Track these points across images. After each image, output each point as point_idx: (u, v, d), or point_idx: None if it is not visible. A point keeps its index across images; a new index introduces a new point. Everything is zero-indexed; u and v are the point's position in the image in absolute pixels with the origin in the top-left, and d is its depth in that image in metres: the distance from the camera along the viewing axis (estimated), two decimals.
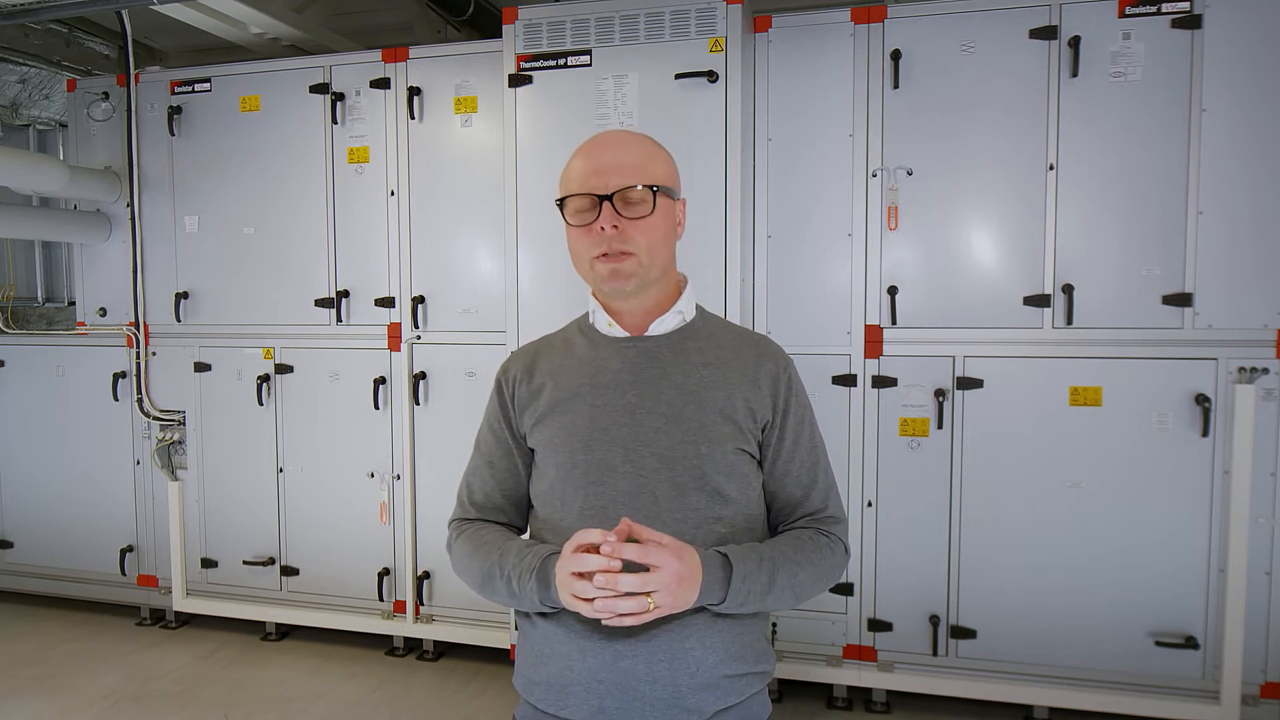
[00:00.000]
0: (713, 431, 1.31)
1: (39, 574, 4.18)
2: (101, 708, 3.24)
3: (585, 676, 1.27)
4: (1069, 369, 2.89)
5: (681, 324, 1.40)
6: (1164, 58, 2.77)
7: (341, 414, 3.62)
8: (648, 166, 1.32)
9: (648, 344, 1.38)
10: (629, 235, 1.29)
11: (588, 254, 1.33)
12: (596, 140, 1.36)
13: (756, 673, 1.34)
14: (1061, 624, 2.93)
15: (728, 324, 1.47)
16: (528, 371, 1.43)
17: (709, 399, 1.33)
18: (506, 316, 3.17)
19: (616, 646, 1.26)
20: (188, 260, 3.81)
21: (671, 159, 1.40)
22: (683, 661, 1.26)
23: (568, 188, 1.34)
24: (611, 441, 1.31)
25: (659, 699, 1.25)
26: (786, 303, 3.09)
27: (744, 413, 1.33)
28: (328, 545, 3.68)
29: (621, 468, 1.30)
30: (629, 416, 1.32)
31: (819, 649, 3.14)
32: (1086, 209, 2.86)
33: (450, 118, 3.41)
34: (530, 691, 1.37)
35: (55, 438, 4.10)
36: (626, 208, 1.30)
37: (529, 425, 1.39)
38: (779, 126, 3.06)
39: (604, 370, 1.37)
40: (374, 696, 3.32)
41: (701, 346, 1.38)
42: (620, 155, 1.32)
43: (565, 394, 1.37)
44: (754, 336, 1.45)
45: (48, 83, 4.58)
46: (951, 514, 3.01)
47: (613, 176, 1.30)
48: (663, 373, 1.35)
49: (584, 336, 1.43)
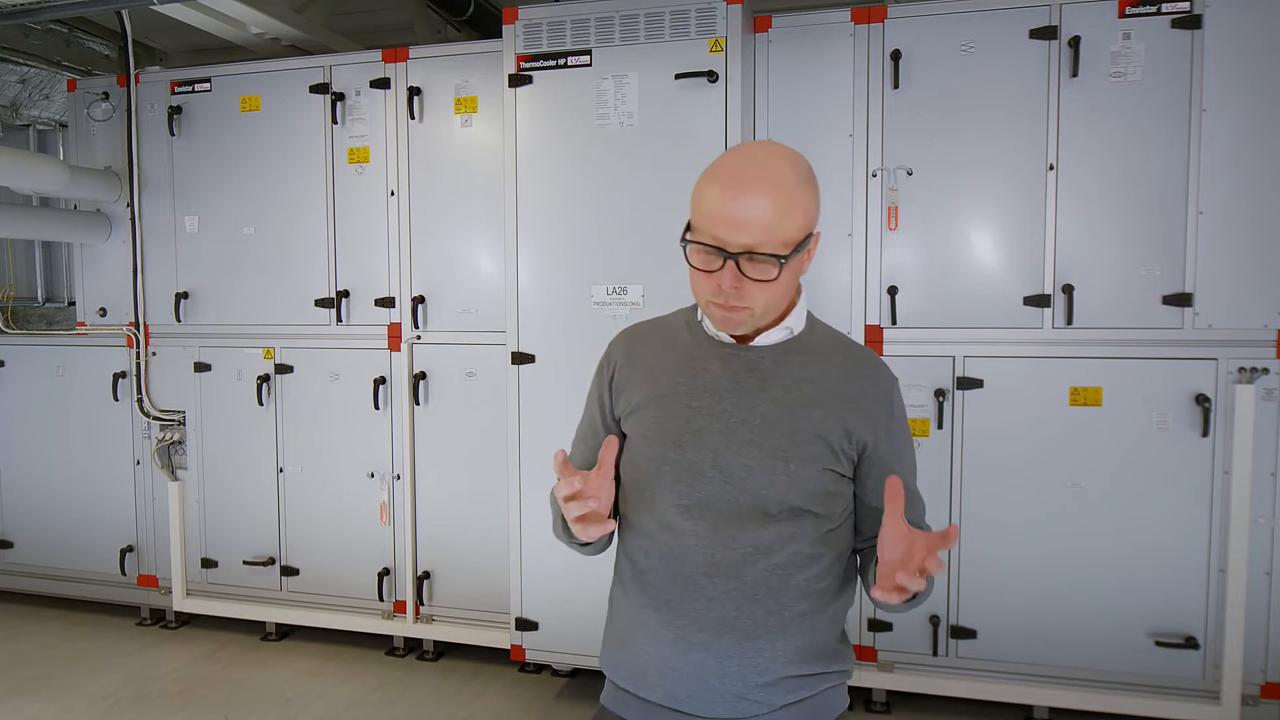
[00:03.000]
0: (803, 450, 1.30)
1: (39, 574, 4.18)
2: (101, 708, 3.24)
3: (660, 663, 1.32)
4: (1069, 369, 2.89)
5: (788, 337, 1.37)
6: (1164, 58, 2.77)
7: (341, 414, 3.62)
8: (784, 224, 1.22)
9: (751, 354, 1.35)
10: (748, 294, 1.25)
11: (704, 295, 1.29)
12: (736, 171, 1.26)
13: (830, 672, 1.36)
14: (1062, 624, 2.93)
15: (836, 337, 1.43)
16: (629, 356, 1.44)
17: (804, 417, 1.31)
18: (506, 316, 3.17)
19: (690, 639, 1.30)
20: (188, 260, 3.81)
21: (813, 188, 1.29)
22: (752, 660, 1.29)
23: (696, 223, 1.27)
24: (702, 445, 1.31)
25: (728, 691, 1.30)
26: None
27: (839, 434, 1.32)
28: (328, 545, 3.68)
29: (709, 472, 1.30)
30: (723, 423, 1.32)
31: None
32: (1086, 209, 2.86)
33: (450, 118, 3.41)
34: (614, 670, 1.42)
35: (55, 438, 4.10)
36: (752, 267, 1.22)
37: (624, 411, 1.41)
38: (779, 126, 3.06)
39: (704, 372, 1.35)
40: (374, 696, 3.32)
41: (805, 361, 1.36)
42: (756, 209, 1.21)
43: (662, 389, 1.37)
44: (862, 354, 1.43)
45: (48, 83, 4.59)
46: (951, 514, 3.00)
47: (744, 233, 1.21)
48: (762, 384, 1.33)
49: (689, 332, 1.41)
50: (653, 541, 1.34)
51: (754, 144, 1.35)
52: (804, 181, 1.27)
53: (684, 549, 1.30)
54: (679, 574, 1.31)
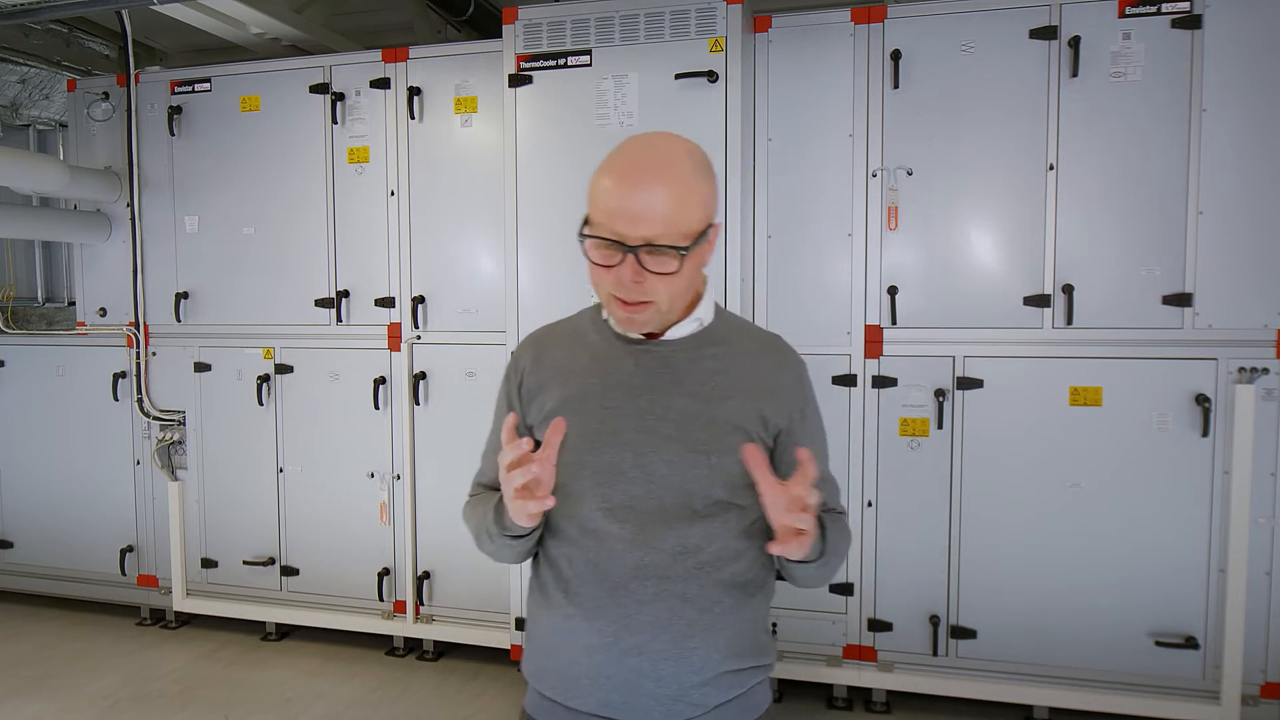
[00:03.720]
0: (724, 441, 1.29)
1: (39, 574, 4.18)
2: (101, 708, 3.24)
3: (592, 671, 1.29)
4: (1069, 369, 2.89)
5: (698, 329, 1.36)
6: (1164, 58, 2.77)
7: (341, 414, 3.62)
8: (683, 214, 1.20)
9: (663, 349, 1.34)
10: (650, 287, 1.23)
11: (605, 290, 1.28)
12: (632, 163, 1.23)
13: (758, 666, 1.35)
14: (1062, 624, 2.93)
15: (745, 326, 1.44)
16: (537, 361, 1.40)
17: (721, 408, 1.30)
18: (506, 316, 3.17)
19: (623, 646, 1.27)
20: (188, 260, 3.81)
21: (711, 178, 1.27)
22: (687, 660, 1.27)
23: (594, 217, 1.25)
24: (621, 445, 1.29)
25: (663, 695, 1.27)
26: (786, 303, 3.09)
27: (756, 422, 1.31)
28: (328, 545, 3.68)
29: (630, 472, 1.29)
30: (639, 421, 1.30)
31: (819, 649, 3.14)
32: (1086, 209, 2.86)
33: (450, 118, 3.41)
34: (539, 679, 1.37)
35: (55, 438, 4.10)
36: (652, 260, 1.21)
37: (536, 418, 1.37)
38: (779, 126, 3.06)
39: (616, 372, 1.34)
40: (374, 696, 3.32)
41: (717, 353, 1.35)
42: (655, 199, 1.19)
43: (575, 393, 1.34)
44: (772, 341, 1.43)
45: (48, 83, 4.59)
46: (951, 514, 3.01)
47: (642, 225, 1.19)
48: (676, 379, 1.32)
49: (597, 333, 1.39)
50: (577, 548, 1.30)
51: (649, 135, 1.29)
52: (701, 171, 1.25)
53: (610, 553, 1.28)
54: (606, 580, 1.28)
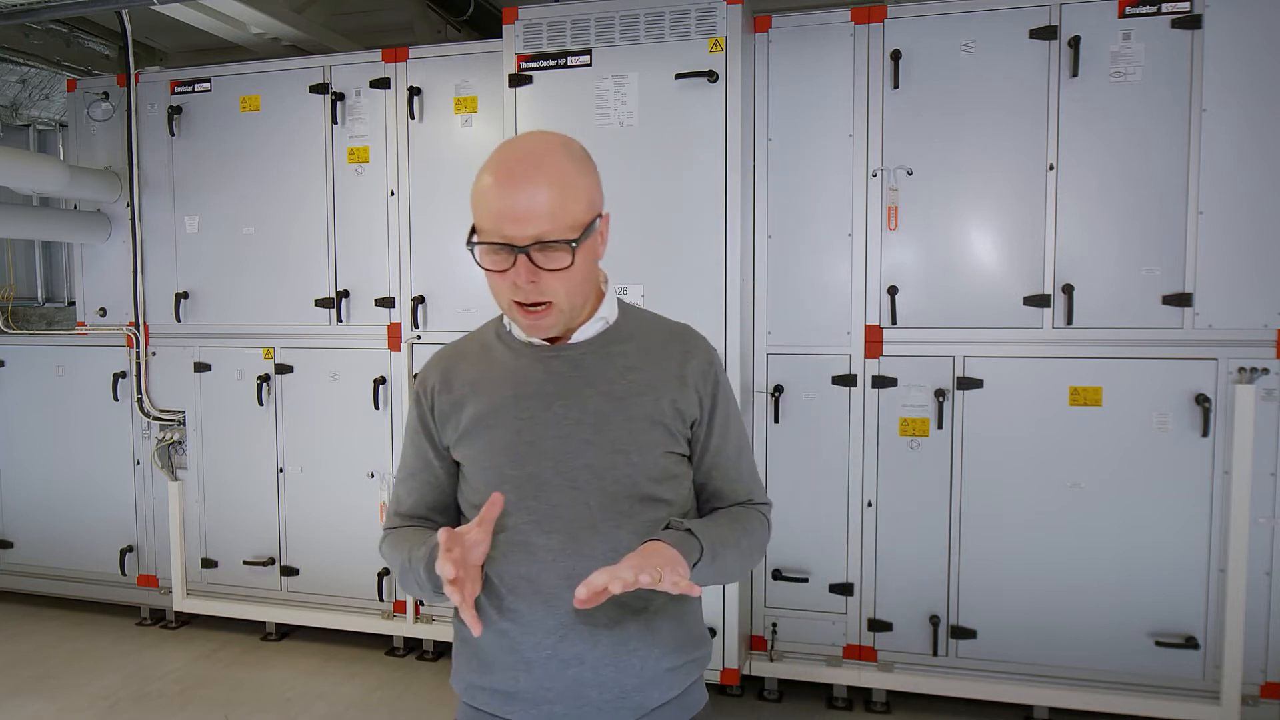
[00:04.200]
0: (642, 439, 1.28)
1: (39, 574, 4.18)
2: (101, 708, 3.24)
3: (533, 686, 1.27)
4: (1069, 369, 2.89)
5: (604, 328, 1.34)
6: (1164, 58, 2.77)
7: (341, 414, 3.62)
8: (566, 207, 1.20)
9: (571, 352, 1.32)
10: (547, 286, 1.22)
11: (505, 298, 1.26)
12: (509, 165, 1.22)
13: (695, 659, 1.35)
14: (1062, 624, 2.93)
15: (651, 318, 1.42)
16: (446, 381, 1.37)
17: (636, 405, 1.29)
18: None
19: (563, 657, 1.25)
20: (188, 260, 3.81)
21: (591, 169, 1.27)
22: (627, 662, 1.26)
23: (480, 224, 1.23)
24: (541, 455, 1.28)
25: (606, 701, 1.26)
26: (786, 303, 3.09)
27: (672, 415, 1.31)
28: (328, 545, 3.68)
29: (553, 481, 1.27)
30: (556, 428, 1.29)
31: (819, 649, 3.14)
32: (1086, 209, 2.86)
33: (450, 118, 3.41)
34: (473, 696, 1.34)
35: (55, 438, 4.10)
36: (544, 257, 1.20)
37: (452, 438, 1.35)
38: (779, 126, 3.06)
39: (527, 381, 1.31)
40: (374, 696, 3.32)
41: (626, 350, 1.34)
42: (536, 198, 1.18)
43: (488, 407, 1.32)
44: (679, 331, 1.41)
45: (48, 83, 4.59)
46: (951, 514, 3.01)
47: (529, 224, 1.18)
48: (588, 381, 1.30)
49: (503, 344, 1.37)
50: (507, 563, 1.27)
51: (522, 136, 1.28)
52: (578, 163, 1.25)
53: (541, 565, 1.26)
54: (540, 592, 1.25)
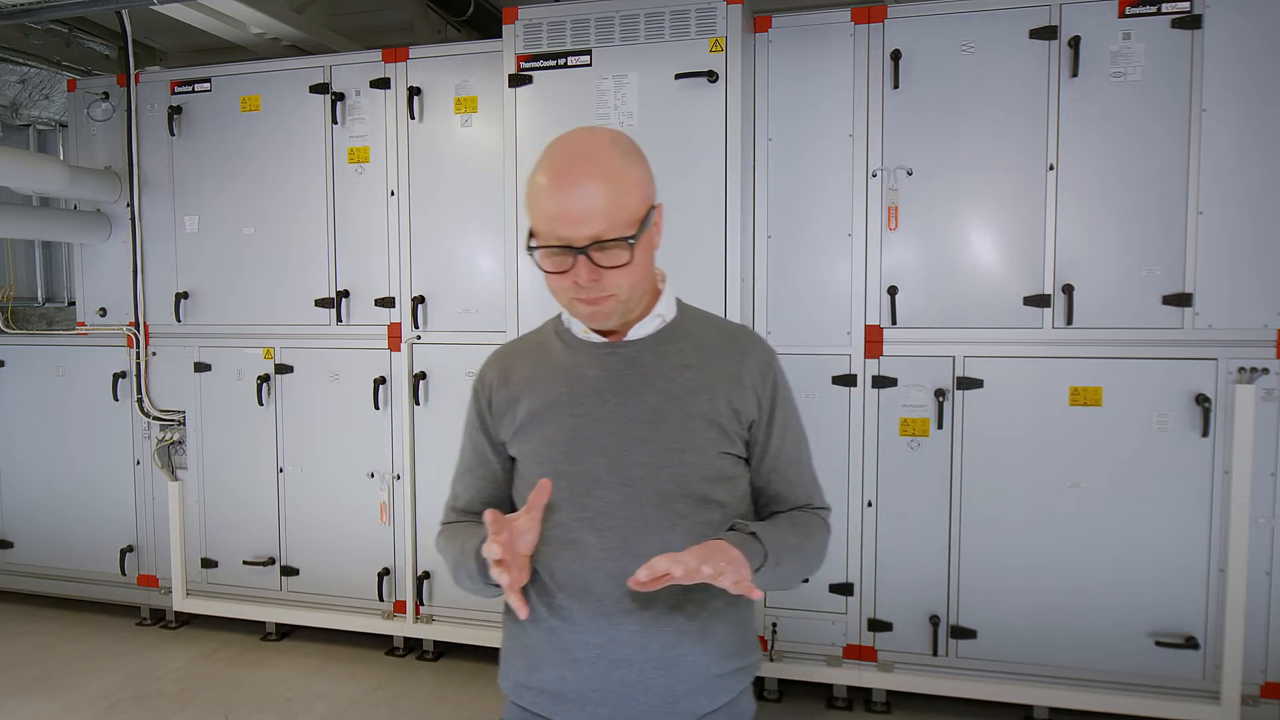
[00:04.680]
0: (697, 438, 1.28)
1: (39, 574, 4.18)
2: (101, 708, 3.24)
3: (580, 685, 1.26)
4: (1069, 369, 2.89)
5: (662, 325, 1.34)
6: (1164, 58, 2.77)
7: (341, 414, 3.62)
8: (621, 203, 1.20)
9: (627, 349, 1.32)
10: (609, 282, 1.22)
11: (566, 295, 1.26)
12: (563, 169, 1.21)
13: (744, 667, 1.34)
14: (1062, 624, 2.93)
15: (709, 318, 1.42)
16: (504, 378, 1.39)
17: (692, 404, 1.29)
18: (506, 316, 3.17)
19: (611, 657, 1.24)
20: (188, 260, 3.81)
21: (641, 160, 1.27)
22: (676, 667, 1.25)
23: (536, 228, 1.23)
24: (595, 452, 1.28)
25: (654, 705, 1.25)
26: (786, 303, 3.09)
27: (728, 415, 1.30)
28: (328, 545, 3.68)
29: (606, 478, 1.27)
30: (611, 425, 1.28)
31: (819, 649, 3.14)
32: (1086, 209, 2.86)
33: (450, 118, 3.41)
34: (520, 695, 1.34)
35: (55, 438, 4.10)
36: (603, 256, 1.21)
37: (508, 434, 1.36)
38: (779, 126, 3.06)
39: (583, 378, 1.32)
40: (374, 696, 3.32)
41: (683, 348, 1.33)
42: (592, 197, 1.18)
43: (544, 403, 1.33)
44: (737, 331, 1.41)
45: (48, 83, 4.59)
46: (951, 514, 3.01)
47: (586, 225, 1.18)
48: (644, 378, 1.30)
49: (560, 341, 1.38)
50: (558, 560, 1.27)
51: (571, 134, 1.27)
52: (628, 155, 1.24)
53: (591, 563, 1.25)
54: (589, 591, 1.25)
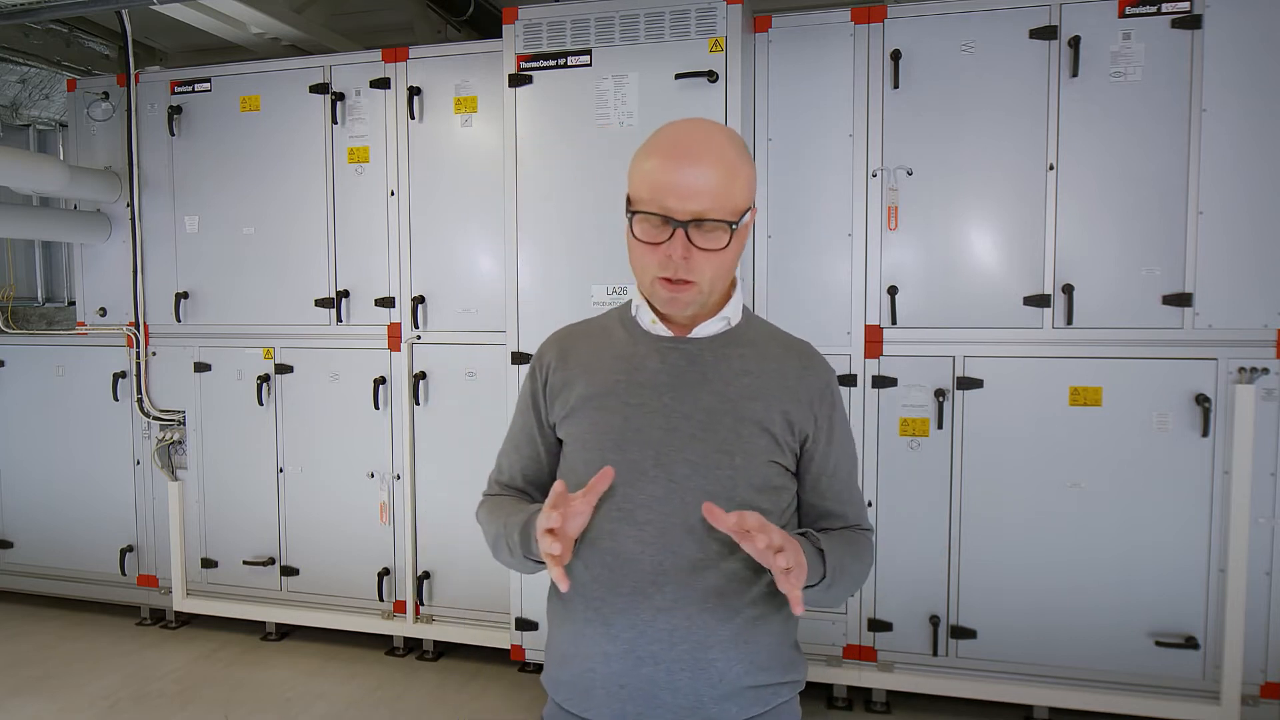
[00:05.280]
0: (748, 444, 1.27)
1: (39, 574, 4.18)
2: (101, 708, 3.24)
3: (607, 680, 1.25)
4: (1069, 369, 2.89)
5: (726, 328, 1.34)
6: (1164, 58, 2.77)
7: (341, 414, 3.62)
8: (730, 189, 1.20)
9: (690, 346, 1.32)
10: (697, 265, 1.22)
11: (649, 271, 1.25)
12: (679, 143, 1.22)
13: (785, 683, 1.31)
14: (1062, 624, 2.93)
15: (774, 329, 1.41)
16: (562, 359, 1.38)
17: (747, 409, 1.28)
18: (506, 316, 3.17)
19: (639, 653, 1.23)
20: (188, 260, 3.81)
21: (751, 161, 1.28)
22: (705, 672, 1.23)
23: (639, 195, 1.23)
24: (644, 443, 1.27)
25: (680, 707, 1.23)
26: (786, 303, 3.09)
27: (782, 425, 1.29)
28: (328, 545, 3.68)
29: (652, 471, 1.26)
30: (664, 420, 1.27)
31: (819, 649, 3.14)
32: (1086, 209, 2.86)
33: (450, 118, 3.41)
34: (556, 690, 1.34)
35: (55, 438, 4.10)
36: (700, 236, 1.20)
37: (559, 415, 1.36)
38: (779, 126, 3.06)
39: (642, 369, 1.31)
40: (374, 696, 3.32)
41: (744, 353, 1.33)
42: (704, 177, 1.19)
43: (599, 389, 1.32)
44: (800, 346, 1.40)
45: (48, 83, 4.59)
46: (951, 514, 3.01)
47: (691, 200, 1.18)
48: (702, 378, 1.30)
49: (624, 329, 1.37)
50: (594, 550, 1.26)
51: (688, 120, 1.28)
52: (743, 155, 1.26)
53: (629, 556, 1.24)
54: (624, 583, 1.24)
